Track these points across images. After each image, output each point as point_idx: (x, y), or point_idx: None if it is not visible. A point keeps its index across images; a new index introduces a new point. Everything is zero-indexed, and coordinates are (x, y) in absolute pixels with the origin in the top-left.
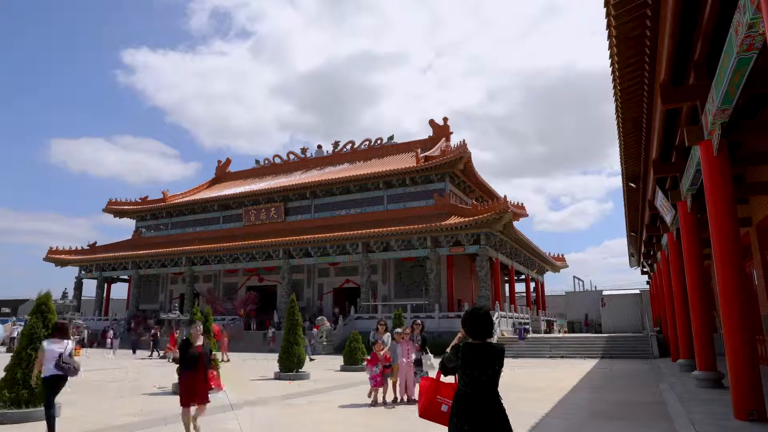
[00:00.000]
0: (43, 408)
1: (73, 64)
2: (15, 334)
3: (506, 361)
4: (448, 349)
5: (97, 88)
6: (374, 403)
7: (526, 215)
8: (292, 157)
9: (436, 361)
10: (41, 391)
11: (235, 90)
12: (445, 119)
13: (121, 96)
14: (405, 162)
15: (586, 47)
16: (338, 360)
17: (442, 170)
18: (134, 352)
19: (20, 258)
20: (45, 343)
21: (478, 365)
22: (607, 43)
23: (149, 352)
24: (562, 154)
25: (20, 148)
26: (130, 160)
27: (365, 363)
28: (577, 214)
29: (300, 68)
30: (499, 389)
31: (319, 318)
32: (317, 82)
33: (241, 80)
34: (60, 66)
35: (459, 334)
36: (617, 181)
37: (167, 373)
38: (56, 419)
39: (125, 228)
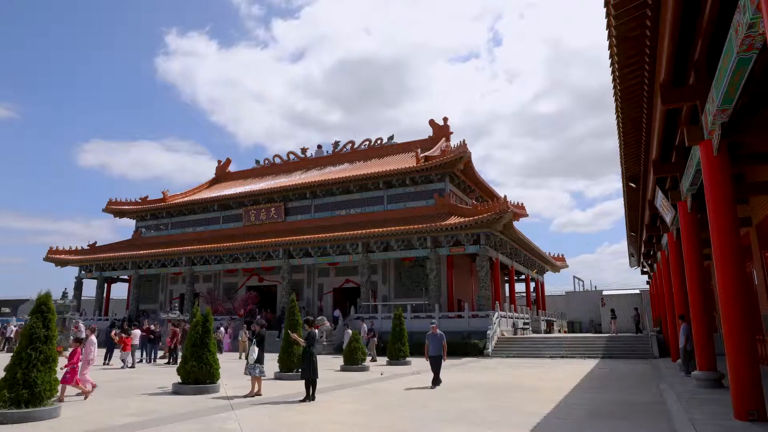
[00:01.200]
0: (43, 408)
1: (106, 63)
2: (10, 334)
3: (507, 361)
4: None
5: (134, 83)
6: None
7: (526, 215)
8: (292, 157)
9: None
10: (41, 391)
11: (271, 86)
12: (445, 119)
13: (157, 91)
14: (405, 162)
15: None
16: (338, 360)
17: (442, 170)
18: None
19: (34, 259)
20: None
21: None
22: (607, 43)
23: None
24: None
25: (57, 149)
26: (171, 161)
27: None
28: (602, 214)
29: (345, 60)
30: (500, 389)
31: (319, 318)
32: (357, 78)
33: (278, 76)
34: (98, 61)
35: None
36: None
37: (170, 371)
38: (55, 419)
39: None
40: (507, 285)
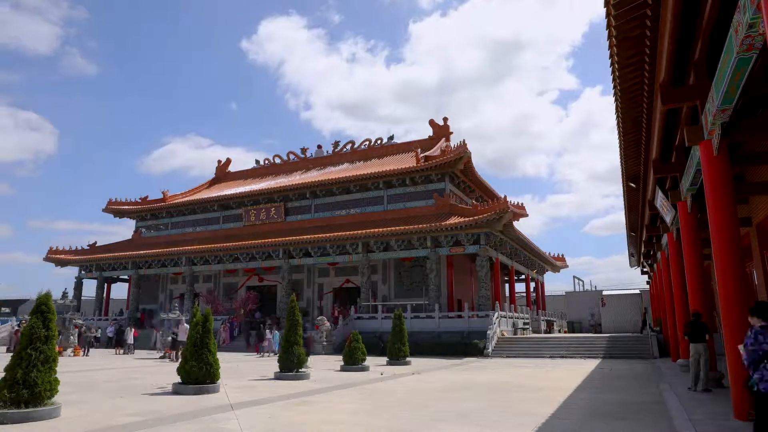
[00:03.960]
0: (43, 408)
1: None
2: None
3: (507, 361)
4: None
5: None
6: None
7: (526, 215)
8: (292, 157)
9: None
10: (41, 391)
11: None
12: (445, 119)
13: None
14: (405, 162)
15: None
16: (338, 360)
17: (442, 170)
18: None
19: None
20: None
21: None
22: (607, 43)
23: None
24: None
25: (137, 148)
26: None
27: None
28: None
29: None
30: (500, 389)
31: (319, 318)
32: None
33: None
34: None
35: None
36: None
37: (170, 371)
38: (56, 419)
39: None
40: (507, 285)
